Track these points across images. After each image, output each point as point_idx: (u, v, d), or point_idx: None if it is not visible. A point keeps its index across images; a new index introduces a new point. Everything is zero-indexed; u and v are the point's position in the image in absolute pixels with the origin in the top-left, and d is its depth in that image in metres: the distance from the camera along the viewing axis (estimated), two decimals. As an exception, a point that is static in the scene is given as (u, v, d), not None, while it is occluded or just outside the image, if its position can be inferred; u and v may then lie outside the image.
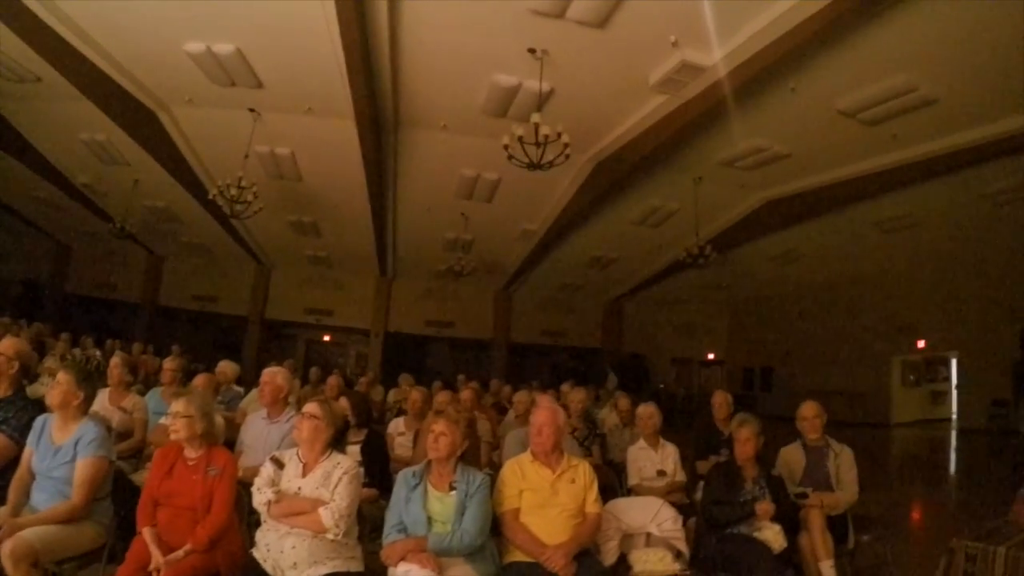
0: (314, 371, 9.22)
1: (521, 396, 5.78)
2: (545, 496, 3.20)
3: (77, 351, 9.52)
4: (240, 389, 6.31)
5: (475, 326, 19.79)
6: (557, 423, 3.32)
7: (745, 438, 3.89)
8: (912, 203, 11.37)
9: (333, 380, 6.50)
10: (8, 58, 8.82)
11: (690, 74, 7.43)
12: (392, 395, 8.29)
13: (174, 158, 11.34)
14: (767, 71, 7.27)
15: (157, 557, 2.74)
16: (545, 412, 3.35)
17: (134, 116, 10.02)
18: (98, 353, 9.74)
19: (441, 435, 3.06)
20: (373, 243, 15.48)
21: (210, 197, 10.33)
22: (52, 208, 15.68)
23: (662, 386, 19.45)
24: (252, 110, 9.55)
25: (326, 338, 20.74)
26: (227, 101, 9.45)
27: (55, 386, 3.17)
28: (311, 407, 3.08)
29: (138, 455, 4.55)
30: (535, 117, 7.17)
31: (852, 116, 8.37)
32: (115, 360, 4.93)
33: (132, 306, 19.09)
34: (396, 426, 5.36)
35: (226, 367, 5.58)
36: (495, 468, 4.14)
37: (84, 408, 3.25)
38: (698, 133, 9.11)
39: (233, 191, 9.73)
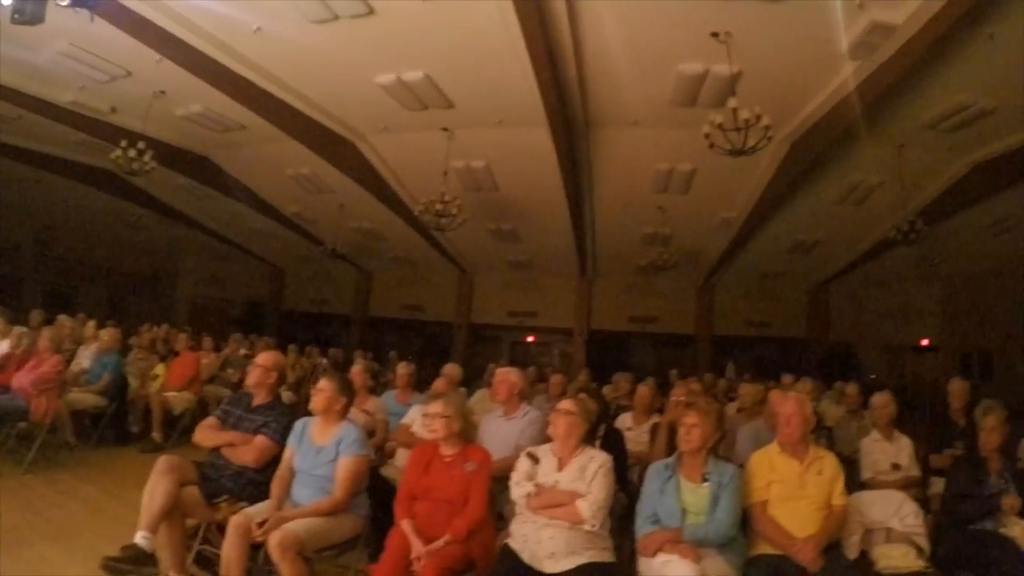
0: (530, 371, 9.32)
1: (747, 388, 5.62)
2: (793, 488, 3.12)
3: (304, 359, 10.59)
4: (463, 390, 6.49)
5: (677, 320, 19.19)
6: (805, 413, 3.23)
7: (991, 427, 3.66)
8: None
9: (557, 379, 6.60)
10: (215, 112, 9.82)
11: (881, 35, 6.84)
12: (607, 391, 8.32)
13: (375, 181, 12.02)
14: (961, 20, 6.48)
15: (418, 547, 2.90)
16: (793, 402, 3.28)
17: (334, 148, 10.75)
18: (324, 360, 10.75)
19: (694, 427, 3.06)
20: (572, 244, 15.50)
21: (416, 214, 11.00)
22: (267, 237, 17.18)
23: (873, 377, 17.65)
24: (445, 129, 9.90)
25: (530, 339, 20.94)
26: (420, 124, 9.88)
27: (318, 392, 3.46)
28: (566, 404, 3.20)
29: (379, 452, 4.81)
30: (732, 102, 6.95)
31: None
32: (357, 367, 5.34)
33: (344, 318, 20.49)
34: (624, 421, 5.39)
35: (452, 370, 5.85)
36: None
37: (344, 412, 3.51)
38: (896, 98, 8.35)
39: (438, 206, 10.16)
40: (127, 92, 9.09)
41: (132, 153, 8.78)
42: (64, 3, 6.90)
